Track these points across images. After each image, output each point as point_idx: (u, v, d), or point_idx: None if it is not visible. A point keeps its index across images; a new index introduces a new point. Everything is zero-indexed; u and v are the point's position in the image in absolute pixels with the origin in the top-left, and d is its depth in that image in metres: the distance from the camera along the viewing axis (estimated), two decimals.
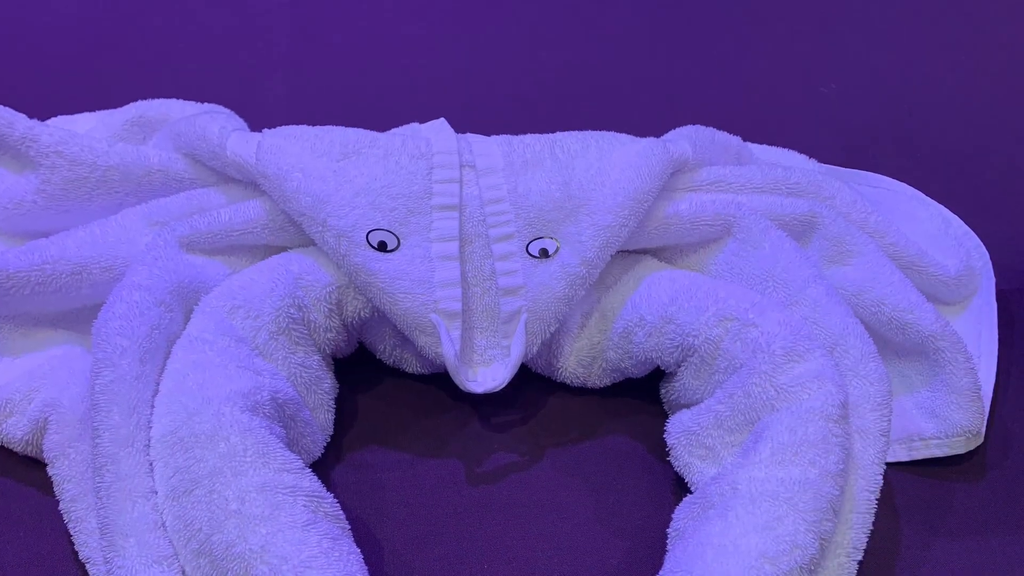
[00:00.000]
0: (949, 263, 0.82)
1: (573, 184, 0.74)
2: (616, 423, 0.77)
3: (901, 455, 0.74)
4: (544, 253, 0.74)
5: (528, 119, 0.98)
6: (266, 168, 0.72)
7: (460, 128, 0.78)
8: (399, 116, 0.83)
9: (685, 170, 0.78)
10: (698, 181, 0.78)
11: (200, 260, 0.73)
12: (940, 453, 0.74)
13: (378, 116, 0.84)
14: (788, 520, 0.60)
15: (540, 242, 0.74)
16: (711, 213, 0.76)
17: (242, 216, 0.74)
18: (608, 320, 0.76)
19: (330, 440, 0.74)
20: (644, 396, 0.79)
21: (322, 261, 0.74)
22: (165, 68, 0.99)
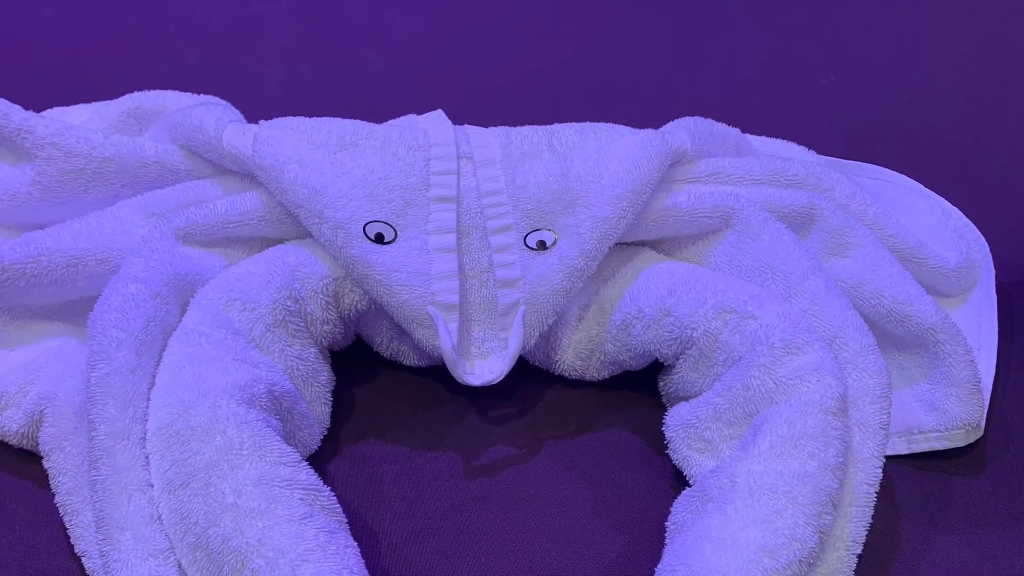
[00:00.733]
0: (949, 255, 0.82)
1: (571, 176, 0.74)
2: (614, 416, 0.77)
3: (900, 448, 0.74)
4: (542, 245, 0.73)
5: (526, 111, 0.98)
6: (262, 160, 0.72)
7: (457, 120, 0.78)
8: (396, 107, 0.83)
9: (683, 162, 0.78)
10: (697, 173, 0.78)
11: (196, 252, 0.73)
12: (940, 446, 0.74)
13: (375, 107, 0.84)
14: (787, 513, 0.60)
15: (538, 234, 0.73)
16: (710, 205, 0.76)
17: (238, 208, 0.74)
18: (606, 312, 0.76)
19: (327, 433, 0.74)
20: (642, 389, 0.79)
21: (319, 253, 0.74)
22: (161, 59, 0.99)
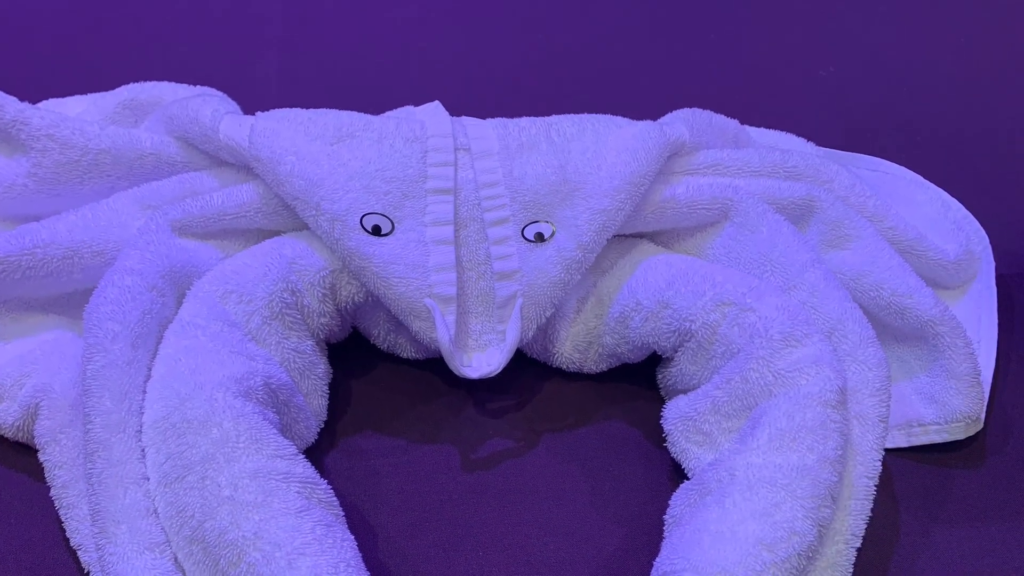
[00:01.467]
0: (948, 247, 0.82)
1: (569, 168, 0.73)
2: (612, 409, 0.77)
3: (900, 441, 0.74)
4: (540, 237, 0.73)
5: (524, 102, 0.98)
6: (259, 151, 0.72)
7: (455, 111, 0.78)
8: (393, 99, 0.83)
9: (682, 153, 0.78)
10: (695, 164, 0.78)
11: (192, 244, 0.73)
12: (939, 439, 0.74)
13: (372, 99, 0.84)
14: (786, 507, 0.60)
15: (536, 226, 0.73)
16: (708, 197, 0.76)
17: (235, 200, 0.74)
18: (604, 305, 0.76)
19: (324, 426, 0.74)
20: (641, 382, 0.79)
21: (316, 245, 0.73)
22: (157, 50, 0.98)
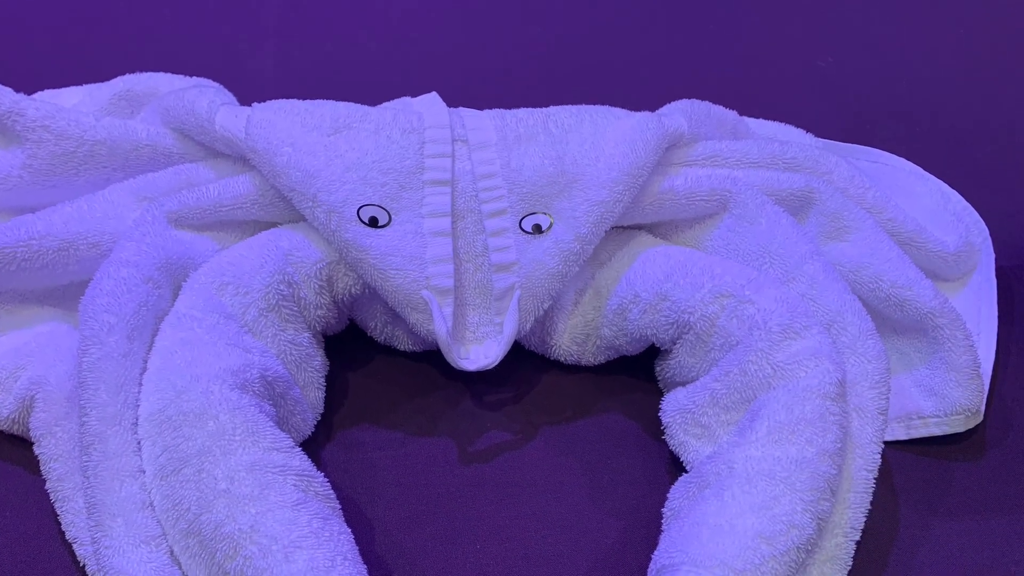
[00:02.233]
0: (948, 239, 0.82)
1: (567, 159, 0.73)
2: (610, 401, 0.77)
3: (899, 434, 0.74)
4: (537, 229, 0.73)
5: (521, 93, 0.97)
6: (255, 142, 0.72)
7: (452, 102, 0.78)
8: (390, 90, 0.83)
9: (680, 145, 0.78)
10: (694, 156, 0.78)
11: (189, 236, 0.73)
12: (939, 432, 0.74)
13: (369, 90, 0.84)
14: (785, 500, 0.60)
15: (533, 218, 0.73)
16: (707, 188, 0.76)
17: (231, 191, 0.74)
18: (602, 297, 0.76)
19: (320, 419, 0.74)
20: (639, 374, 0.78)
21: (312, 237, 0.73)
22: (153, 41, 0.98)
